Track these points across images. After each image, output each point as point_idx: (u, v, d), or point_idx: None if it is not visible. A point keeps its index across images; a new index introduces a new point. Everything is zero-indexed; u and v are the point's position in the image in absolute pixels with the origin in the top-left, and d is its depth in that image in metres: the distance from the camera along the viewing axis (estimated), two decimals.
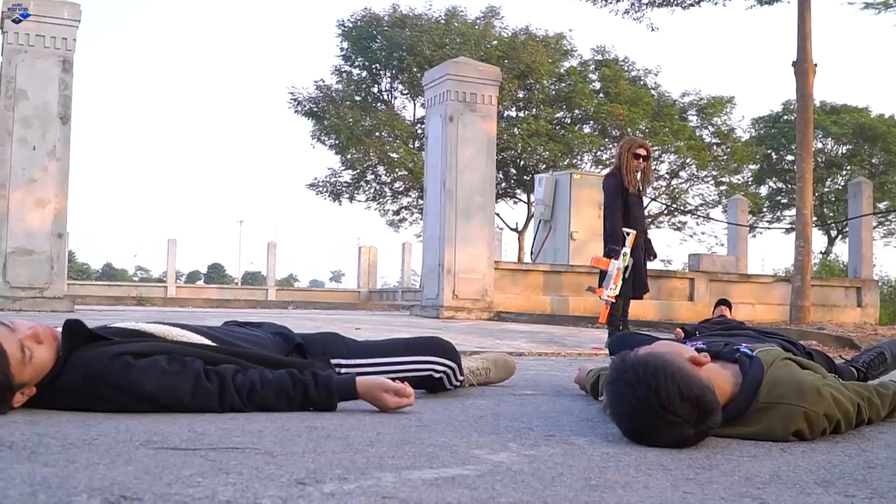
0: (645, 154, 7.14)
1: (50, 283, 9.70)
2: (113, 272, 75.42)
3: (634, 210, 7.13)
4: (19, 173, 9.63)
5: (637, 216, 7.17)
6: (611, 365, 2.20)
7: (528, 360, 5.49)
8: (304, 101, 29.03)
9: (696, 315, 11.60)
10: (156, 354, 2.30)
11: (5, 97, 9.71)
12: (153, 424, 2.08)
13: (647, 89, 29.71)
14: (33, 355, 2.20)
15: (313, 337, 2.84)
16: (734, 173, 31.78)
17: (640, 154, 7.09)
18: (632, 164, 7.06)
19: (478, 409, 2.63)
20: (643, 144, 7.27)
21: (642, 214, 7.38)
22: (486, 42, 27.87)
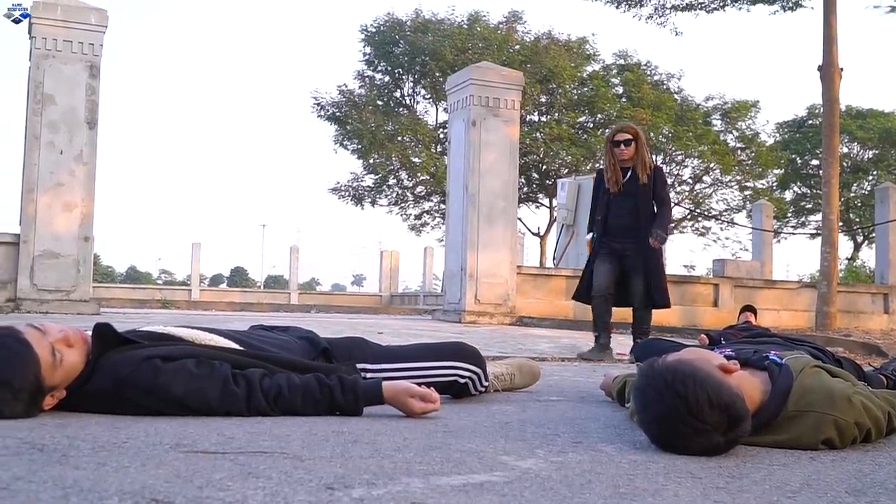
0: (626, 138, 6.28)
1: (76, 286, 9.78)
2: (137, 275, 75.94)
3: (615, 210, 6.34)
4: (47, 177, 9.72)
5: (619, 216, 6.34)
6: (639, 371, 2.19)
7: (551, 365, 5.47)
8: (328, 105, 29.16)
9: (720, 321, 11.52)
10: (184, 358, 2.32)
11: (33, 102, 9.80)
12: (182, 428, 2.09)
13: (670, 93, 29.61)
14: (63, 358, 2.22)
15: (339, 341, 2.84)
16: (758, 178, 31.58)
17: (619, 140, 6.29)
18: (612, 156, 6.31)
19: (503, 415, 2.63)
20: (624, 128, 6.46)
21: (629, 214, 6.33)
22: (509, 46, 27.87)
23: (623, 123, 6.73)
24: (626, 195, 6.30)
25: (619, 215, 6.32)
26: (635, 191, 6.28)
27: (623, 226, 6.30)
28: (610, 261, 6.33)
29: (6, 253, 9.78)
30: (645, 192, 6.28)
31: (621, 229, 6.31)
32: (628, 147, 6.25)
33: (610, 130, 6.64)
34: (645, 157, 6.31)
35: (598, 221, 6.43)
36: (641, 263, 6.26)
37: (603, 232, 6.36)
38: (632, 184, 6.29)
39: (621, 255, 6.32)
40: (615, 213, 6.34)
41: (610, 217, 6.36)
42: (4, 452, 1.71)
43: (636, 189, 6.27)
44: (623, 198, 6.30)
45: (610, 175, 6.35)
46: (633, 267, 6.30)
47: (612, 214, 6.35)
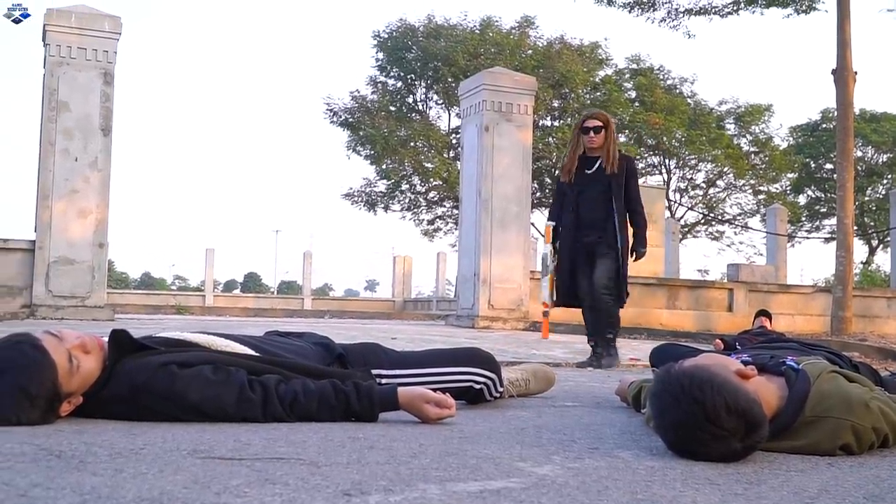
0: (596, 125, 5.92)
1: (91, 293, 9.83)
2: (151, 281, 76.25)
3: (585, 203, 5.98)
4: (62, 184, 9.78)
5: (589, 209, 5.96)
6: (655, 377, 2.18)
7: (565, 370, 5.46)
8: (340, 111, 29.22)
9: (735, 326, 11.47)
10: (200, 364, 2.32)
11: (48, 109, 9.86)
12: (199, 434, 2.10)
13: (683, 98, 29.57)
14: (80, 365, 2.23)
15: (354, 347, 2.84)
16: (772, 182, 31.51)
17: (588, 127, 5.92)
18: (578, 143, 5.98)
19: (519, 421, 2.62)
20: (594, 114, 6.07)
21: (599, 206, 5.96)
22: (521, 51, 27.88)
23: (593, 110, 6.36)
24: (594, 188, 5.99)
25: (589, 208, 6.00)
26: (605, 182, 5.95)
27: (592, 219, 5.99)
28: (588, 262, 6.04)
29: (22, 259, 9.83)
30: (616, 185, 5.94)
31: (591, 222, 6.00)
32: (598, 135, 5.92)
33: (580, 116, 6.28)
34: (611, 147, 5.94)
35: (567, 216, 6.09)
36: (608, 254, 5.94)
37: (576, 226, 6.04)
38: (599, 175, 5.97)
39: (591, 249, 6.02)
40: (584, 206, 6.02)
41: (581, 210, 6.03)
42: (22, 459, 1.72)
43: (605, 180, 5.95)
44: (592, 190, 5.99)
45: (567, 162, 6.10)
46: (600, 254, 5.99)
47: (582, 208, 6.03)
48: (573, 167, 6.01)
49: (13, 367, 2.14)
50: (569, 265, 6.09)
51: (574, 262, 6.07)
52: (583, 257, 6.02)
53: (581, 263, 6.04)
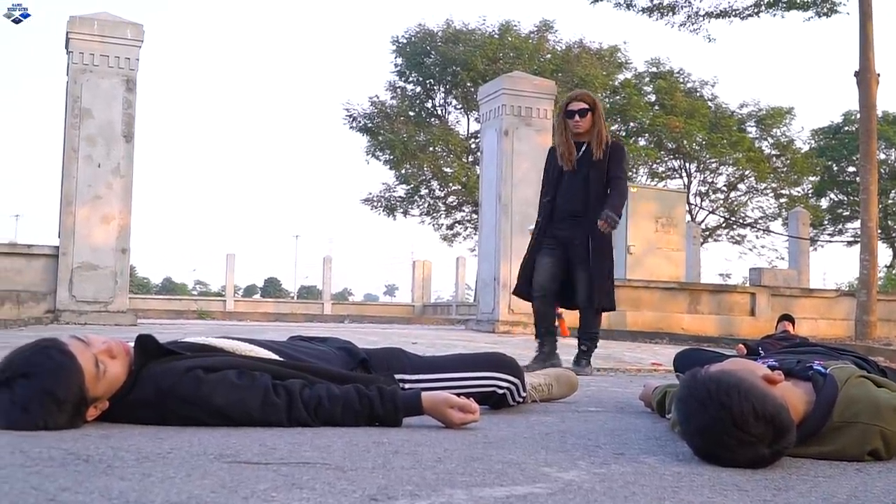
0: (582, 108, 5.39)
1: (114, 298, 9.90)
2: (173, 286, 76.60)
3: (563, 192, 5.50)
4: (85, 190, 9.86)
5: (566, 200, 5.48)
6: (681, 382, 2.16)
7: (586, 375, 5.44)
8: (359, 117, 29.34)
9: (757, 331, 11.41)
10: (225, 369, 2.33)
11: (71, 116, 9.95)
12: (224, 438, 2.10)
13: (703, 101, 29.47)
14: (107, 370, 2.24)
15: (377, 352, 2.85)
16: (794, 185, 31.34)
17: (573, 110, 5.40)
18: (566, 128, 5.46)
19: (543, 426, 2.61)
20: (580, 96, 5.51)
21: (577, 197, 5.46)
22: (540, 56, 27.89)
23: (578, 91, 5.74)
24: (576, 175, 5.46)
25: (566, 199, 5.48)
26: (587, 170, 5.42)
27: (570, 211, 5.46)
28: (553, 253, 5.50)
29: (46, 265, 9.93)
30: (598, 172, 5.41)
31: (568, 214, 5.47)
32: (584, 118, 5.38)
33: (564, 99, 5.69)
34: (602, 130, 5.42)
35: (544, 204, 5.60)
36: (587, 255, 5.41)
37: (549, 217, 5.54)
38: (584, 161, 5.44)
39: (567, 245, 5.48)
40: (563, 195, 5.49)
41: (557, 200, 5.51)
42: (50, 464, 1.73)
43: (589, 168, 5.42)
44: (573, 178, 5.46)
45: (563, 150, 5.49)
46: (578, 259, 5.45)
47: (560, 197, 5.50)
48: (572, 154, 5.46)
49: (41, 372, 2.15)
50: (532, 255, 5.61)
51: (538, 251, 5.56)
52: (551, 248, 5.51)
53: (547, 253, 5.51)
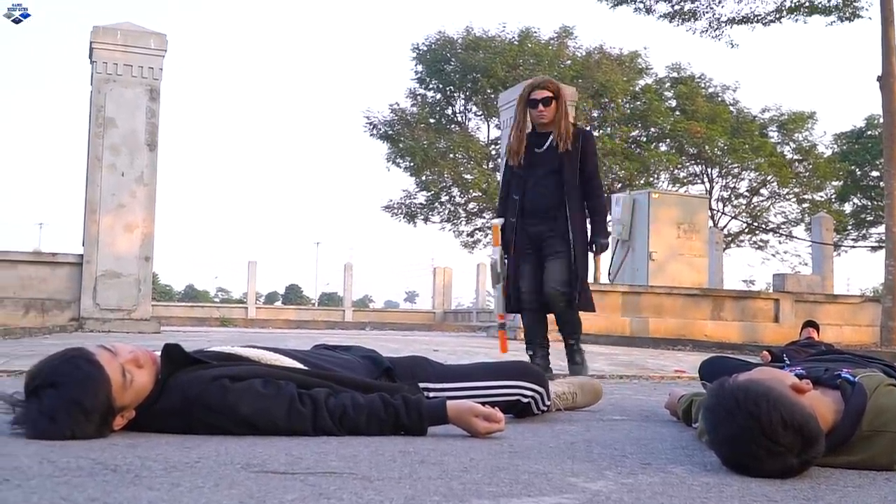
0: (545, 96, 5.03)
1: (137, 305, 9.96)
2: (195, 293, 77.05)
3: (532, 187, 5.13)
4: (109, 199, 9.93)
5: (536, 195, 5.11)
6: (709, 391, 2.15)
7: (609, 383, 5.41)
8: (380, 124, 29.41)
9: (782, 337, 11.31)
10: (251, 378, 2.34)
11: (95, 125, 10.03)
12: (251, 448, 2.11)
13: (725, 106, 29.32)
14: (134, 379, 2.25)
15: (401, 360, 2.85)
16: (817, 190, 31.09)
17: (536, 99, 5.05)
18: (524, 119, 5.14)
19: (568, 435, 2.60)
20: (543, 83, 5.14)
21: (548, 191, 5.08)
22: (560, 62, 27.86)
23: (541, 78, 5.33)
24: (545, 168, 5.13)
25: (536, 194, 5.14)
26: (556, 163, 5.09)
27: (541, 206, 5.14)
28: (532, 259, 5.18)
29: (70, 273, 10.00)
30: (569, 165, 5.08)
31: (539, 210, 5.14)
32: (548, 107, 5.04)
33: (525, 87, 5.25)
34: (565, 121, 5.10)
35: (513, 202, 5.23)
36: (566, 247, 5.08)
37: (521, 214, 5.19)
38: (550, 154, 5.11)
39: (539, 243, 5.16)
40: (532, 190, 5.15)
41: (527, 195, 5.18)
42: (79, 473, 1.74)
43: (557, 160, 5.08)
44: (542, 172, 5.13)
45: (513, 143, 5.18)
46: (552, 250, 5.11)
47: (529, 192, 5.17)
48: (521, 148, 5.15)
49: (68, 382, 2.16)
50: (514, 263, 5.25)
51: (518, 259, 5.23)
52: (528, 252, 5.20)
53: (525, 259, 5.20)
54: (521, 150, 5.13)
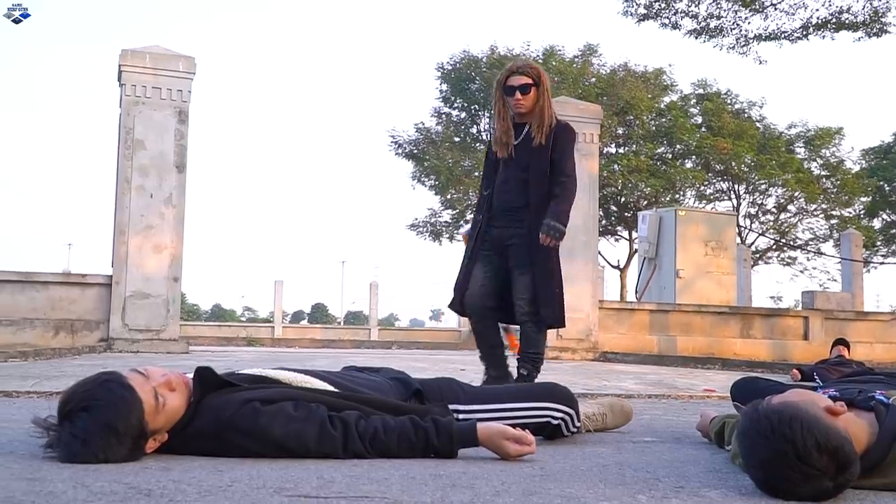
0: (524, 83, 4.52)
1: (166, 326, 10.02)
2: (222, 312, 77.46)
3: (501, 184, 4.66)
4: (137, 220, 10.02)
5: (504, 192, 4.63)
6: (742, 414, 2.13)
7: (638, 402, 5.37)
8: (405, 143, 29.53)
9: (811, 355, 11.20)
10: (282, 401, 2.35)
11: (124, 147, 10.14)
12: (283, 471, 2.11)
13: (751, 122, 29.18)
14: (166, 402, 2.26)
15: (430, 382, 2.84)
16: (845, 206, 30.81)
17: (513, 86, 4.54)
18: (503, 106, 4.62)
19: (600, 458, 2.58)
20: (522, 67, 4.62)
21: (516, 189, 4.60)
22: (585, 79, 27.86)
23: (520, 61, 4.79)
24: (518, 164, 4.61)
25: (503, 191, 4.64)
26: (527, 157, 4.58)
27: (508, 206, 4.62)
28: (489, 259, 4.66)
29: (99, 294, 10.09)
30: (540, 160, 4.57)
31: (505, 210, 4.63)
32: (526, 95, 4.53)
33: (503, 71, 4.72)
34: (546, 110, 4.57)
35: (483, 198, 4.79)
36: (527, 261, 4.55)
37: (488, 213, 4.70)
38: (524, 147, 4.61)
39: (502, 246, 4.64)
40: (500, 188, 4.66)
41: (496, 192, 4.68)
42: (113, 498, 1.75)
43: (529, 155, 4.58)
44: (511, 168, 4.63)
45: (498, 134, 4.66)
46: (517, 264, 4.58)
47: (499, 189, 4.66)
48: (511, 138, 4.62)
49: (101, 406, 2.18)
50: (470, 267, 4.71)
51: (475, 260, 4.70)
52: (485, 253, 4.69)
53: (481, 264, 4.68)
54: (510, 140, 4.62)
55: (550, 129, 4.58)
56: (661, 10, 13.82)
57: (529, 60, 4.85)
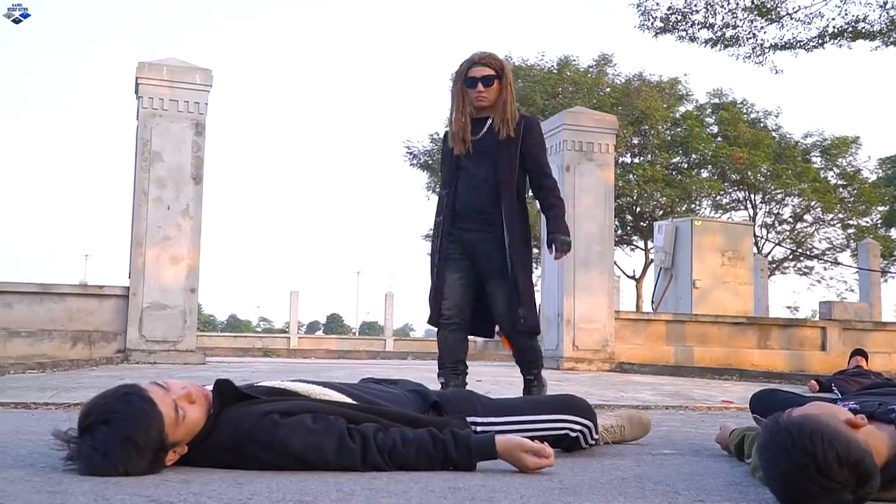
0: (487, 74, 4.31)
1: (182, 337, 10.05)
2: (238, 323, 77.69)
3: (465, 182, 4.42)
4: (155, 231, 10.07)
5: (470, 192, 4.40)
6: (763, 427, 2.12)
7: (655, 413, 5.35)
8: (420, 153, 29.59)
9: (829, 366, 11.13)
10: (301, 413, 2.35)
11: (141, 159, 10.20)
12: (302, 483, 2.12)
13: (767, 131, 29.09)
14: (186, 415, 2.27)
15: (448, 394, 2.85)
16: (862, 216, 30.65)
17: (475, 77, 4.32)
18: (464, 100, 4.38)
19: (619, 471, 2.57)
20: (484, 58, 4.37)
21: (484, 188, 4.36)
22: (600, 89, 27.83)
23: (481, 52, 4.46)
24: (480, 160, 4.38)
25: (470, 191, 4.41)
26: (493, 152, 4.36)
27: (475, 206, 4.39)
28: (460, 265, 4.43)
29: (116, 305, 10.14)
30: (510, 154, 4.35)
31: (472, 211, 4.40)
32: (488, 87, 4.32)
33: (463, 62, 4.44)
34: (509, 104, 4.38)
35: (442, 198, 4.53)
36: (506, 271, 4.32)
37: (451, 216, 4.45)
38: (488, 143, 4.38)
39: (474, 251, 4.41)
40: (465, 187, 4.42)
41: (458, 193, 4.43)
42: None
43: (496, 151, 4.36)
44: (476, 165, 4.39)
45: (455, 128, 4.42)
46: (492, 270, 4.37)
47: (462, 189, 4.43)
48: (466, 133, 4.39)
49: (121, 418, 2.19)
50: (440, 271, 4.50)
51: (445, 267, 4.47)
52: (457, 259, 4.46)
53: (452, 270, 4.45)
54: (466, 135, 4.37)
55: (517, 122, 4.39)
56: (678, 22, 13.82)
57: (491, 52, 4.49)
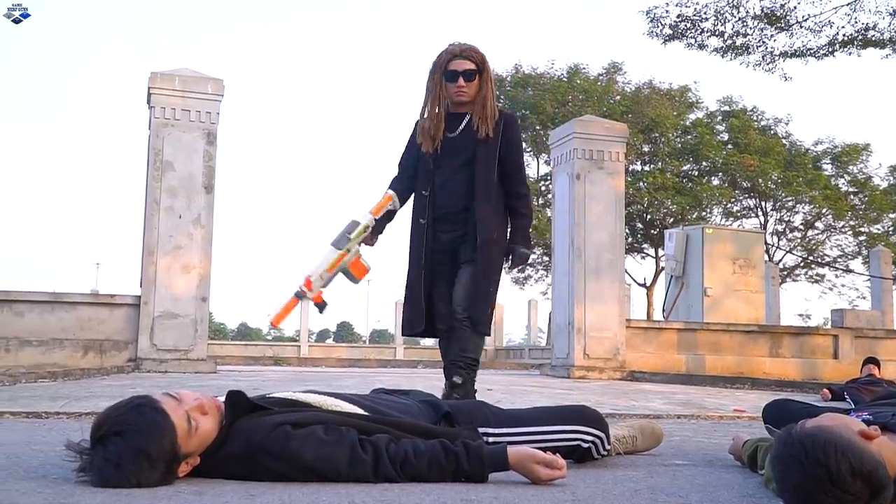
0: (468, 68, 4.23)
1: (194, 346, 10.07)
2: (248, 331, 77.74)
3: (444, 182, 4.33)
4: (166, 240, 10.10)
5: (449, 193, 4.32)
6: (776, 438, 2.12)
7: (667, 423, 5.33)
8: None
9: (841, 374, 11.08)
10: (313, 424, 2.35)
11: (153, 168, 10.24)
12: (314, 495, 2.11)
13: (777, 138, 29.04)
14: (198, 426, 2.28)
15: (460, 405, 2.84)
16: (873, 223, 30.55)
17: (456, 71, 4.22)
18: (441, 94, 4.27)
19: (631, 482, 2.56)
20: (465, 51, 4.27)
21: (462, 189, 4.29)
22: (610, 97, 27.85)
23: (461, 44, 4.31)
24: (458, 158, 4.30)
25: (449, 191, 4.33)
26: (471, 151, 4.28)
27: (454, 207, 4.33)
28: (448, 274, 4.38)
29: (127, 314, 10.16)
30: (488, 154, 4.28)
31: (452, 212, 4.35)
32: (470, 82, 4.23)
33: (442, 53, 4.32)
34: (489, 100, 4.30)
35: (421, 198, 4.38)
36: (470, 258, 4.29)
37: (433, 218, 4.36)
38: (465, 139, 4.30)
39: (454, 252, 4.38)
40: (444, 187, 4.34)
41: (437, 193, 4.35)
42: None
43: (474, 147, 4.27)
44: (454, 162, 4.31)
45: (428, 124, 4.30)
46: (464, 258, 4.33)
47: (440, 189, 4.34)
48: (439, 131, 4.29)
49: (134, 430, 2.19)
50: (421, 278, 4.39)
51: (432, 275, 4.39)
52: (443, 265, 4.40)
53: (441, 275, 4.39)
54: (438, 133, 4.28)
55: (496, 120, 4.31)
56: (687, 30, 13.82)
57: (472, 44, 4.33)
